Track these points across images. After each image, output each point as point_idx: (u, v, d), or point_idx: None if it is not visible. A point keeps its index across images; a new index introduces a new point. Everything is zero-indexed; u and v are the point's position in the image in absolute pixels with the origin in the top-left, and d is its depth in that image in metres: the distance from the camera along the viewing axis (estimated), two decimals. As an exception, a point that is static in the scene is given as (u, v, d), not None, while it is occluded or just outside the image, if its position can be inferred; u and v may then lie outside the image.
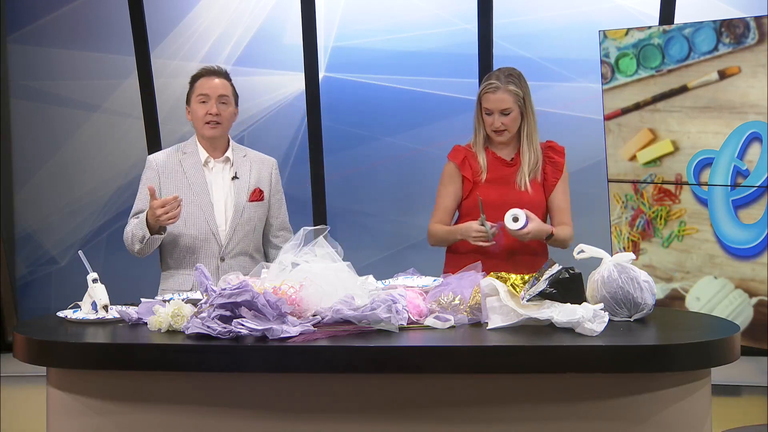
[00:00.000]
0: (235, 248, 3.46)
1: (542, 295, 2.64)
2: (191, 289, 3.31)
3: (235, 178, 3.48)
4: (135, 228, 3.36)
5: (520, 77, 3.52)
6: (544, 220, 3.55)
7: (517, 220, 3.30)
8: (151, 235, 3.31)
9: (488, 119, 3.50)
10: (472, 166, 3.54)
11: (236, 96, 3.53)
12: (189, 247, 3.44)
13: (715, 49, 4.37)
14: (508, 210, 3.37)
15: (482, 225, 3.39)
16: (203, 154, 3.49)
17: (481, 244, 3.40)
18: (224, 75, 3.52)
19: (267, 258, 3.51)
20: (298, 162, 5.51)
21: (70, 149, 5.73)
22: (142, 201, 3.46)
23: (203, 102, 3.45)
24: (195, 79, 3.51)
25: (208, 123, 3.44)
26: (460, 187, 3.56)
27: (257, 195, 3.50)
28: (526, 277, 2.73)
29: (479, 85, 3.58)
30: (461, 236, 3.46)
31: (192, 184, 3.45)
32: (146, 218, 3.31)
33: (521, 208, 3.38)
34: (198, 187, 3.45)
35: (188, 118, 3.54)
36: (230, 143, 3.54)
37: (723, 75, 4.37)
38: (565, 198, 3.58)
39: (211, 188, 3.46)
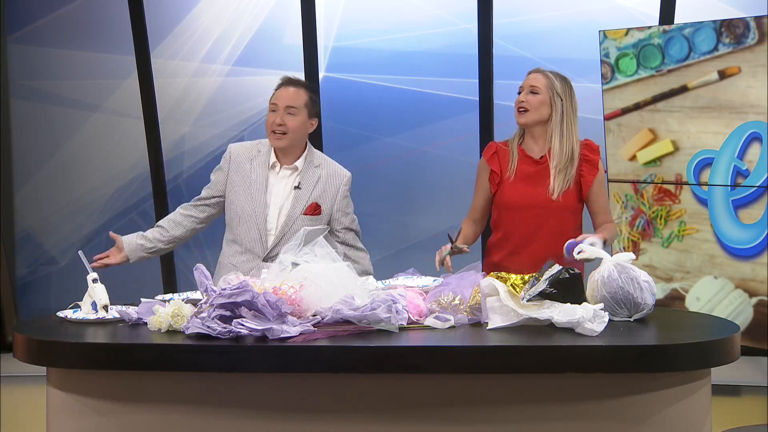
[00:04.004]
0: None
1: (542, 295, 2.64)
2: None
3: (297, 187, 3.48)
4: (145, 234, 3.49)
5: (563, 76, 3.46)
6: (575, 225, 3.46)
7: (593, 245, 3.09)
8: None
9: (517, 99, 3.45)
10: (501, 161, 3.50)
11: (312, 106, 3.49)
12: (238, 242, 3.48)
13: (715, 49, 4.37)
14: (531, 210, 3.37)
15: (448, 253, 3.27)
16: (272, 158, 3.50)
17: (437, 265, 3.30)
18: (300, 84, 3.51)
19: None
20: (298, 162, 5.51)
21: (70, 149, 5.73)
22: (209, 189, 3.54)
23: (273, 111, 3.47)
24: (276, 88, 3.52)
25: (273, 132, 3.45)
26: (488, 183, 3.52)
27: (313, 209, 3.48)
28: (526, 277, 2.73)
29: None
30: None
31: (252, 183, 3.46)
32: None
33: (545, 211, 3.38)
34: (257, 188, 3.46)
35: None
36: (306, 151, 3.52)
37: (723, 75, 4.37)
38: (602, 199, 3.48)
39: (270, 192, 3.47)
